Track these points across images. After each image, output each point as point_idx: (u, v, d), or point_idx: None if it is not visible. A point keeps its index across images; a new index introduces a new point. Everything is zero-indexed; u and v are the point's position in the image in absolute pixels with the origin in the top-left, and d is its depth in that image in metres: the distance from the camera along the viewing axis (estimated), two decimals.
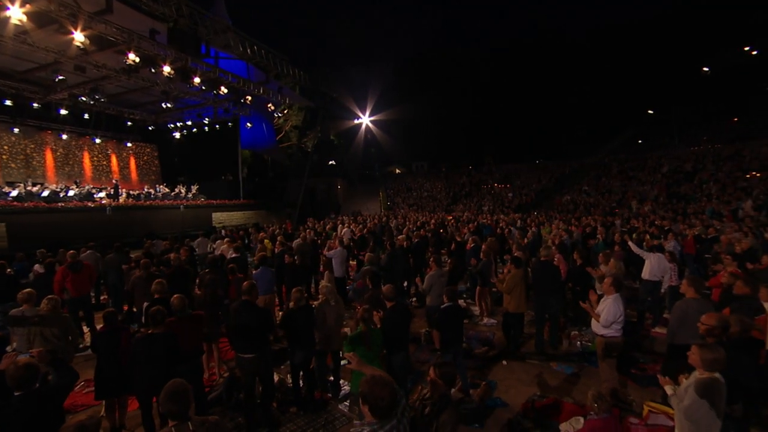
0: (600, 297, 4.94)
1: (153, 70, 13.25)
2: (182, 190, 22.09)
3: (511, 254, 8.17)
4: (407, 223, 16.81)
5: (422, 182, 39.22)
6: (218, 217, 21.57)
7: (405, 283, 8.82)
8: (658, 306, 7.21)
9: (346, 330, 5.93)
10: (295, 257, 7.74)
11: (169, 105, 18.36)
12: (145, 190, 21.23)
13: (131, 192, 19.85)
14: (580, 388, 4.99)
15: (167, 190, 22.12)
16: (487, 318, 7.78)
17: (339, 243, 8.80)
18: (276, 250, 9.15)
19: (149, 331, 3.94)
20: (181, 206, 19.60)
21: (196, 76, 14.49)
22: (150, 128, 23.55)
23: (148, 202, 18.69)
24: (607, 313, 4.61)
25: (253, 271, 6.98)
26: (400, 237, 10.67)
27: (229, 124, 23.57)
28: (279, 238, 10.55)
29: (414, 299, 8.88)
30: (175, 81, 14.66)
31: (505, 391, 5.02)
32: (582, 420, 3.88)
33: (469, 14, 68.97)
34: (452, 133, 47.25)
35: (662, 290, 6.99)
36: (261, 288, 6.02)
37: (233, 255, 7.91)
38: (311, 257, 9.22)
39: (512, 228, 13.71)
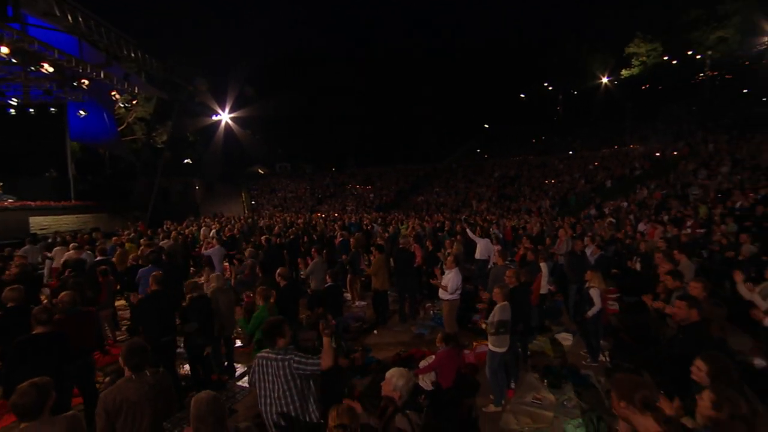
0: (443, 272, 6.63)
1: None
2: None
3: (375, 247, 9.65)
4: (276, 222, 17.22)
5: (286, 183, 39.34)
6: (39, 222, 18.07)
7: None
8: (486, 280, 9.55)
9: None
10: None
11: None
12: None
13: None
14: (433, 341, 6.57)
15: None
16: (359, 301, 9.07)
17: (218, 241, 8.96)
18: (141, 252, 8.75)
19: (33, 332, 3.90)
20: None
21: (2, 45, 11.89)
22: None
23: None
24: (450, 282, 6.28)
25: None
26: (273, 234, 11.24)
27: (52, 109, 19.94)
28: (143, 240, 9.98)
29: None
30: None
31: (378, 352, 6.29)
32: (433, 356, 5.35)
33: (337, 17, 71.18)
34: (316, 135, 48.38)
35: (488, 266, 9.30)
36: (147, 285, 6.05)
37: (100, 258, 7.42)
38: (183, 257, 9.11)
39: (375, 225, 15.53)
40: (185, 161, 37.43)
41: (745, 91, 33.80)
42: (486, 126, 49.02)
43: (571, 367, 5.57)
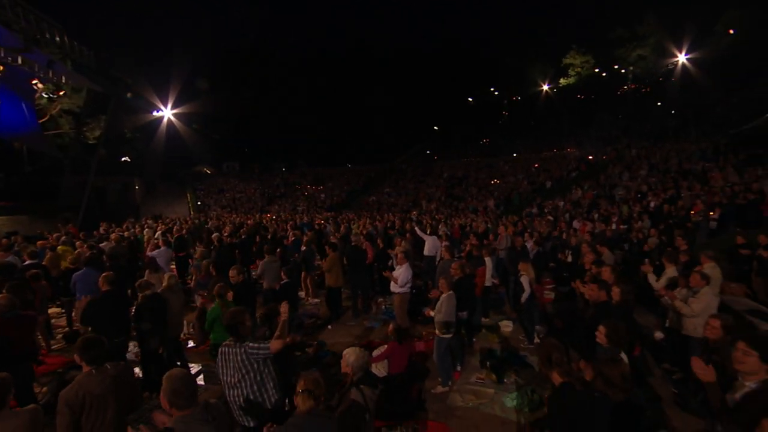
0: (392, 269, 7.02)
1: None
2: None
3: (328, 245, 9.86)
4: (225, 223, 16.82)
5: (235, 183, 38.20)
6: None
7: None
8: (435, 275, 10.09)
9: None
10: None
11: None
12: None
13: None
14: (385, 333, 6.93)
15: None
16: (312, 299, 9.23)
17: (164, 243, 8.71)
18: (77, 255, 8.30)
19: None
20: None
21: None
22: None
23: None
24: (401, 276, 6.66)
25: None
26: (225, 234, 11.08)
27: None
28: (78, 243, 9.44)
29: None
30: None
31: (332, 346, 6.51)
32: (386, 346, 5.69)
33: (289, 15, 69.67)
34: (265, 135, 47.33)
35: (436, 262, 9.83)
36: (84, 289, 5.85)
37: (29, 262, 6.98)
38: (129, 260, 8.77)
39: (327, 224, 15.70)
40: (123, 159, 35.02)
41: (659, 104, 37.74)
42: (435, 128, 50.57)
43: (511, 350, 6.15)
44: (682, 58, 37.62)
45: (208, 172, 43.65)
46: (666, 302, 5.20)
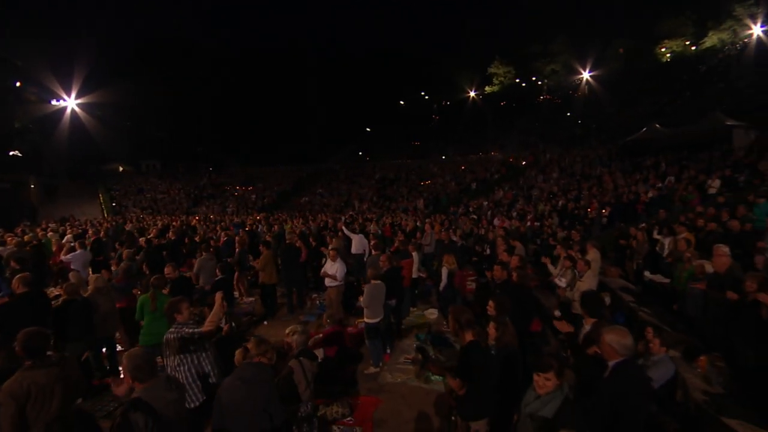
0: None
1: None
2: None
3: (262, 243, 10.01)
4: (147, 225, 15.99)
5: (156, 183, 35.82)
6: None
7: None
8: (364, 271, 10.67)
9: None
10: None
11: None
12: None
13: None
14: (320, 326, 7.34)
15: None
16: (247, 298, 9.33)
17: (80, 246, 8.27)
18: None
19: None
20: None
21: None
22: None
23: None
24: (336, 271, 7.12)
25: None
26: (151, 235, 10.70)
27: None
28: None
29: None
30: None
31: (269, 340, 6.78)
32: (322, 334, 6.12)
33: (222, 10, 66.27)
34: (190, 132, 44.82)
35: (365, 258, 10.40)
36: None
37: None
38: (36, 265, 8.17)
39: (259, 225, 15.68)
40: (11, 153, 31.03)
41: (569, 114, 42.35)
42: (368, 129, 51.59)
43: (435, 334, 6.89)
44: (586, 75, 42.49)
45: (123, 170, 40.33)
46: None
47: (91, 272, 9.65)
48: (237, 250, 9.62)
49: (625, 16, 42.81)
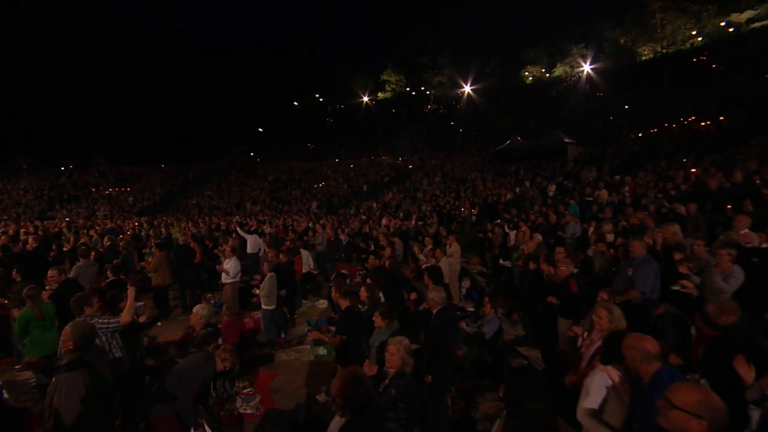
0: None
1: None
2: None
3: (155, 245, 9.96)
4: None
5: None
6: None
7: None
8: (259, 268, 11.23)
9: None
10: None
11: None
12: None
13: None
14: (221, 319, 7.83)
15: None
16: (136, 303, 9.21)
17: None
18: None
19: None
20: None
21: None
22: None
23: None
24: (231, 268, 7.70)
25: None
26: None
27: None
28: None
29: None
30: None
31: (164, 339, 7.09)
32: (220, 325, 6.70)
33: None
34: (37, 124, 38.83)
35: (259, 257, 10.99)
36: None
37: None
38: None
39: (142, 229, 15.02)
40: None
41: (452, 123, 47.25)
42: (260, 130, 50.49)
43: (324, 319, 7.92)
44: (467, 88, 47.74)
45: None
46: None
47: None
48: (122, 253, 9.41)
49: (498, 40, 49.51)
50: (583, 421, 2.52)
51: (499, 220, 12.52)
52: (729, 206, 6.78)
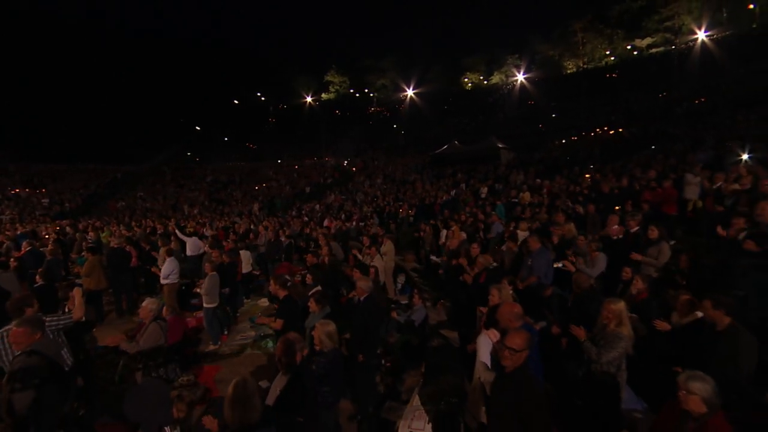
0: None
1: None
2: None
3: (87, 249, 9.77)
4: None
5: None
6: None
7: None
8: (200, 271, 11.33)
9: None
10: None
11: None
12: None
13: None
14: None
15: None
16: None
17: None
18: None
19: None
20: None
21: None
22: None
23: None
24: (166, 270, 7.92)
25: None
26: None
27: None
28: None
29: None
30: None
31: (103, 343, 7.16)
32: None
33: None
34: None
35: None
36: None
37: None
38: None
39: (66, 233, 14.44)
40: None
41: (395, 126, 48.66)
42: (198, 128, 48.65)
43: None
44: (410, 92, 49.37)
45: None
46: None
47: None
48: (47, 259, 9.15)
49: (440, 47, 51.73)
50: (478, 373, 3.36)
51: (432, 221, 13.55)
52: (617, 207, 8.23)
